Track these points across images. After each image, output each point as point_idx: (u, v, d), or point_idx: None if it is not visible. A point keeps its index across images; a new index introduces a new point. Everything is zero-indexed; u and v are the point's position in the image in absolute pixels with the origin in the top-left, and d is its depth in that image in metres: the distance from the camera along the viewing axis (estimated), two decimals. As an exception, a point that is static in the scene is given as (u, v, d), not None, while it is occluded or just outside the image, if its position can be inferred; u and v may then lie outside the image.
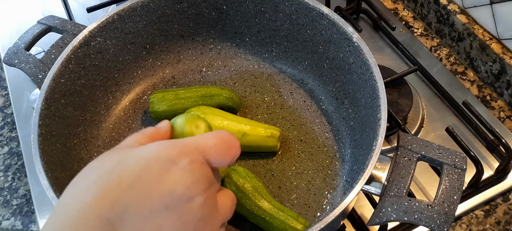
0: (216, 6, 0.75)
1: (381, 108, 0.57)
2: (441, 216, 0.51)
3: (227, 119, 0.67)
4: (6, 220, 0.69)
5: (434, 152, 0.56)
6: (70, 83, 0.65)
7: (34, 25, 0.70)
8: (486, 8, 0.79)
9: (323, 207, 0.64)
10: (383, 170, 0.55)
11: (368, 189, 0.55)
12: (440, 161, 0.55)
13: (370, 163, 0.53)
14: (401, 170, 0.55)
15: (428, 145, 0.57)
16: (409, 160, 0.56)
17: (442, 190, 0.53)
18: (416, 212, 0.52)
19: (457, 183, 0.54)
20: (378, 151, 0.54)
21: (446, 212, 0.51)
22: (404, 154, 0.56)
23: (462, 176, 0.54)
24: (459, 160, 0.55)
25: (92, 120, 0.70)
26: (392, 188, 0.54)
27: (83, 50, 0.66)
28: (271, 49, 0.78)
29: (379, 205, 0.53)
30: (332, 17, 0.66)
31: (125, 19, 0.70)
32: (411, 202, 0.52)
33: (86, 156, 0.67)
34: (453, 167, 0.55)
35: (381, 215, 0.52)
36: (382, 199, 0.54)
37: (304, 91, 0.75)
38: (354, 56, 0.65)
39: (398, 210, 0.52)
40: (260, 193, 0.61)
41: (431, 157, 0.56)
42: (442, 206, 0.52)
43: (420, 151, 0.56)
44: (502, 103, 0.79)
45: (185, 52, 0.79)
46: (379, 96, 0.58)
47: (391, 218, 0.52)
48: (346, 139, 0.69)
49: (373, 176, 0.55)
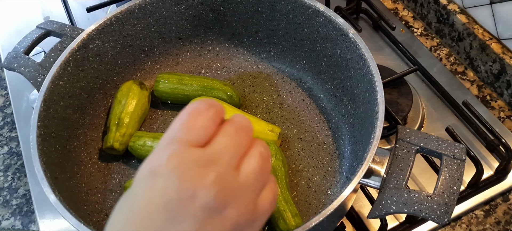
0: (213, 7, 0.75)
1: (378, 101, 0.57)
2: (441, 206, 0.51)
3: (229, 112, 0.68)
4: (6, 220, 0.69)
5: (432, 143, 0.56)
6: (69, 86, 0.65)
7: (33, 30, 0.71)
8: (486, 8, 0.79)
9: (324, 204, 0.63)
10: (382, 163, 0.55)
11: (367, 182, 0.55)
12: (439, 152, 0.55)
13: (368, 155, 0.53)
14: (400, 162, 0.55)
15: (426, 137, 0.57)
16: (408, 152, 0.56)
17: (442, 180, 0.53)
18: (415, 203, 0.51)
19: (457, 173, 0.53)
20: (376, 143, 0.54)
21: (446, 202, 0.51)
22: (403, 146, 0.56)
23: (462, 166, 0.54)
24: (458, 151, 0.55)
25: (91, 123, 0.70)
26: (391, 181, 0.54)
27: (81, 53, 0.67)
28: (269, 49, 0.78)
29: (378, 198, 0.53)
30: (328, 14, 0.67)
31: (123, 21, 0.71)
32: (410, 194, 0.52)
33: (86, 158, 0.67)
34: (452, 158, 0.54)
35: (381, 207, 0.52)
36: (382, 192, 0.53)
37: (303, 90, 0.75)
38: (351, 52, 0.65)
39: (397, 201, 0.52)
40: (276, 176, 0.61)
41: (430, 148, 0.56)
42: (442, 196, 0.52)
43: (418, 143, 0.56)
44: (502, 103, 0.79)
45: (184, 54, 0.79)
46: (376, 90, 0.58)
47: (390, 210, 0.52)
48: (345, 135, 0.69)
49: (372, 169, 0.55)
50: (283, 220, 0.59)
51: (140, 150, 0.66)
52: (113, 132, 0.67)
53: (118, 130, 0.67)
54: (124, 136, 0.67)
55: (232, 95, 0.72)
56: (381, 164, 0.55)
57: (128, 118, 0.68)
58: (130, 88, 0.71)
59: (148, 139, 0.66)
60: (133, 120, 0.69)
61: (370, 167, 0.54)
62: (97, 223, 0.62)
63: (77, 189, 0.63)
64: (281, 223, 0.59)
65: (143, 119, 0.72)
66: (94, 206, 0.64)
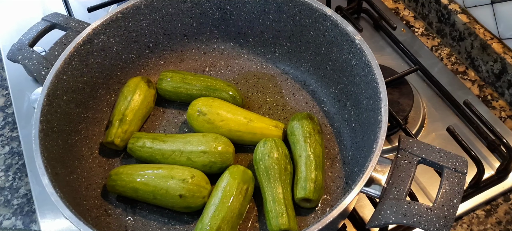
0: (220, 6, 0.75)
1: (382, 110, 0.57)
2: (441, 219, 0.51)
3: (233, 109, 0.69)
4: (7, 219, 0.69)
5: (434, 155, 0.56)
6: (72, 80, 0.65)
7: (38, 22, 0.71)
8: (487, 7, 0.78)
9: (324, 209, 0.63)
10: (383, 173, 0.55)
11: (368, 191, 0.55)
12: (441, 164, 0.55)
13: (369, 165, 0.52)
14: (401, 173, 0.55)
15: (429, 148, 0.56)
16: (409, 163, 0.56)
17: (442, 193, 0.53)
18: (415, 215, 0.51)
19: (458, 186, 0.53)
20: (378, 153, 0.53)
21: (446, 215, 0.51)
22: (405, 157, 0.56)
23: (463, 180, 0.54)
24: (459, 163, 0.55)
25: (94, 118, 0.70)
26: (391, 191, 0.54)
27: (86, 47, 0.67)
28: (274, 50, 0.78)
29: (378, 208, 0.53)
30: (335, 19, 0.66)
31: (128, 17, 0.71)
32: (410, 205, 0.52)
33: (87, 153, 0.68)
34: (454, 171, 0.54)
35: (380, 217, 0.52)
36: (381, 202, 0.53)
37: (307, 92, 0.75)
38: (356, 58, 0.64)
39: (397, 213, 0.52)
40: (269, 175, 0.62)
41: (432, 160, 0.56)
42: (441, 209, 0.51)
43: (420, 154, 0.56)
44: (503, 103, 0.79)
45: (188, 51, 0.79)
46: (380, 99, 0.58)
47: (390, 220, 0.52)
48: (347, 141, 0.69)
49: (373, 178, 0.55)
50: (268, 221, 0.60)
51: (139, 151, 0.66)
52: (115, 127, 0.67)
53: (121, 126, 0.67)
54: (126, 133, 0.67)
55: (235, 96, 0.71)
56: (382, 173, 0.55)
57: (132, 115, 0.68)
58: (137, 85, 0.70)
59: (148, 140, 0.66)
60: (136, 117, 0.69)
61: (371, 175, 0.54)
62: (96, 218, 0.62)
63: (77, 184, 0.63)
64: (268, 222, 0.60)
65: (146, 116, 0.72)
66: (94, 202, 0.64)
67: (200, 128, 0.68)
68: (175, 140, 0.66)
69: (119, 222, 0.63)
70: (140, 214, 0.64)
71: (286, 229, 0.59)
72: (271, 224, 0.59)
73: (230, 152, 0.64)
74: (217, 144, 0.64)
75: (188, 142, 0.65)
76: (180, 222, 0.63)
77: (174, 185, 0.60)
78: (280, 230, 0.59)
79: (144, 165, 0.64)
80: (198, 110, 0.67)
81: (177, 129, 0.72)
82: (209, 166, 0.64)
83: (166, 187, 0.61)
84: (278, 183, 0.61)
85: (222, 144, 0.64)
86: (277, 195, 0.61)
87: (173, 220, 0.63)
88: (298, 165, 0.63)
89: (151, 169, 0.63)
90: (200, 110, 0.67)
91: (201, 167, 0.64)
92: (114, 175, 0.63)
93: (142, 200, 0.63)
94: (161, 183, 0.61)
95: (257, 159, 0.63)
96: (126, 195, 0.63)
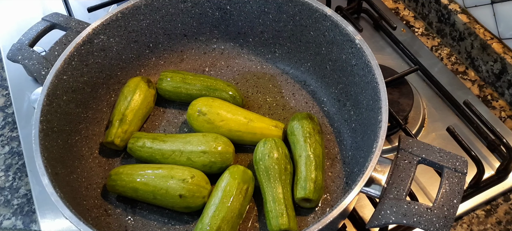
0: (219, 6, 0.75)
1: (382, 110, 0.57)
2: (440, 219, 0.51)
3: (233, 109, 0.69)
4: (7, 219, 0.69)
5: (434, 155, 0.56)
6: (72, 80, 0.65)
7: (38, 22, 0.71)
8: (487, 7, 0.78)
9: (324, 209, 0.63)
10: (383, 173, 0.55)
11: (368, 191, 0.55)
12: (441, 164, 0.55)
13: (369, 165, 0.52)
14: (401, 173, 0.55)
15: (429, 148, 0.56)
16: (409, 163, 0.56)
17: (442, 193, 0.53)
18: (415, 215, 0.51)
19: (457, 186, 0.53)
20: (378, 153, 0.53)
21: (446, 215, 0.51)
22: (405, 157, 0.56)
23: (463, 180, 0.54)
24: (460, 163, 0.55)
25: (94, 118, 0.70)
26: (391, 191, 0.54)
27: (86, 47, 0.67)
28: (274, 50, 0.78)
29: (378, 208, 0.53)
30: (335, 19, 0.66)
31: (128, 17, 0.71)
32: (410, 205, 0.52)
33: (87, 153, 0.68)
34: (454, 171, 0.54)
35: (380, 217, 0.52)
36: (381, 202, 0.53)
37: (307, 92, 0.75)
38: (356, 58, 0.64)
39: (397, 212, 0.52)
40: (269, 175, 0.62)
41: (432, 160, 0.56)
42: (441, 209, 0.51)
43: (420, 154, 0.56)
44: (503, 103, 0.79)
45: (188, 51, 0.79)
46: (380, 99, 0.58)
47: (389, 220, 0.52)
48: (347, 141, 0.69)
49: (373, 178, 0.55)
50: (268, 221, 0.60)
51: (139, 151, 0.66)
52: (115, 127, 0.67)
53: (121, 126, 0.67)
54: (126, 133, 0.67)
55: (235, 96, 0.71)
56: (382, 173, 0.55)
57: (132, 115, 0.68)
58: (138, 85, 0.70)
59: (148, 140, 0.66)
60: (136, 117, 0.69)
61: (371, 175, 0.54)
62: (96, 218, 0.62)
63: (77, 184, 0.63)
64: (268, 222, 0.60)
65: (146, 116, 0.72)
66: (94, 201, 0.64)
67: (200, 128, 0.68)
68: (175, 140, 0.66)
69: (119, 222, 0.63)
70: (140, 214, 0.64)
71: (286, 229, 0.59)
72: (271, 224, 0.59)
73: (230, 152, 0.64)
74: (217, 144, 0.64)
75: (188, 142, 0.65)
76: (180, 222, 0.63)
77: (174, 185, 0.60)
78: (280, 230, 0.59)
79: (144, 165, 0.64)
80: (198, 110, 0.67)
81: (177, 129, 0.72)
82: (209, 166, 0.64)
83: (166, 187, 0.61)
84: (278, 183, 0.61)
85: (222, 144, 0.64)
86: (277, 195, 0.61)
87: (173, 220, 0.63)
88: (298, 165, 0.63)
89: (151, 169, 0.63)
90: (200, 110, 0.67)
91: (201, 167, 0.64)
92: (114, 175, 0.63)
93: (142, 200, 0.63)
94: (161, 183, 0.61)
95: (257, 159, 0.63)
96: (126, 195, 0.63)
